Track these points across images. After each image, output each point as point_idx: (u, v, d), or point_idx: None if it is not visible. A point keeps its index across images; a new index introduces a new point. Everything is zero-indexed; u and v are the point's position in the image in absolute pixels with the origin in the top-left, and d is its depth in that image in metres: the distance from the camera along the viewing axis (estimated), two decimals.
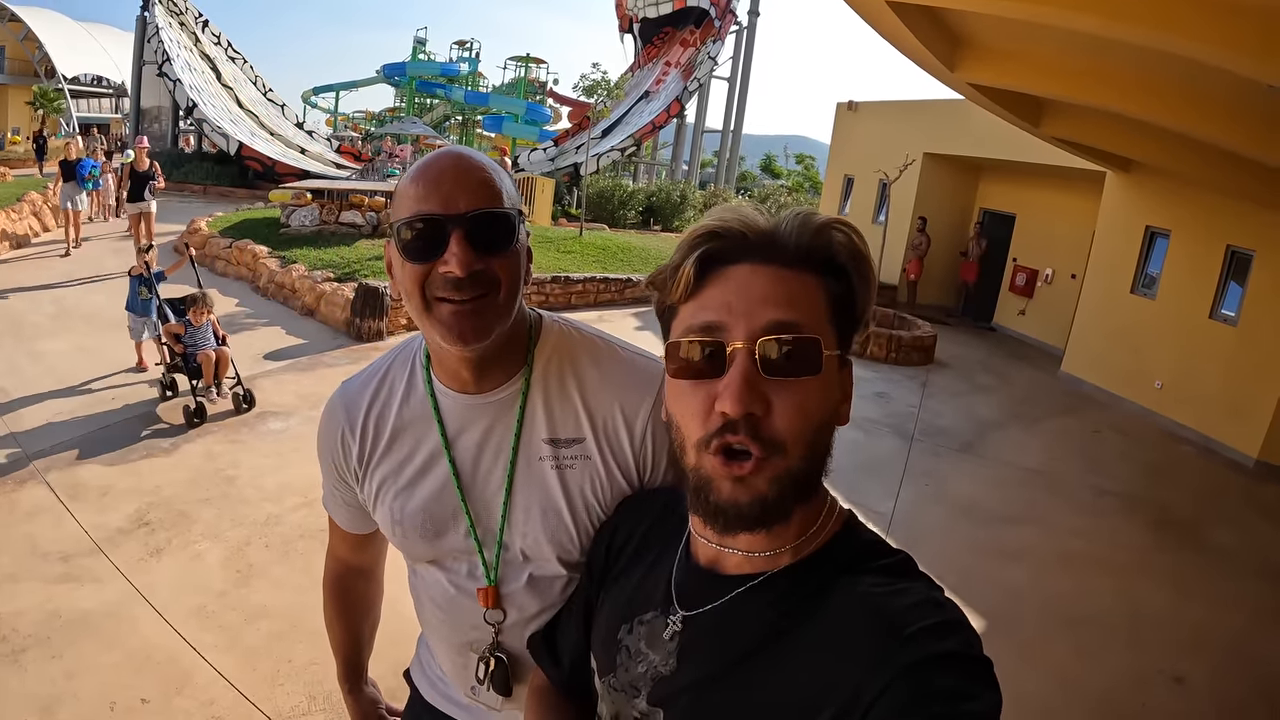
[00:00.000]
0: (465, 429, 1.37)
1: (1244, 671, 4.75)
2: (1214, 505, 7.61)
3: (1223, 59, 4.30)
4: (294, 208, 13.95)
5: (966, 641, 0.80)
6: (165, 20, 25.30)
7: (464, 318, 1.21)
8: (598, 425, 1.35)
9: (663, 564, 1.06)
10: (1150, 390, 10.31)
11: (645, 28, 34.06)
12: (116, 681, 3.57)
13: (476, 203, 1.20)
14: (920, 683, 0.76)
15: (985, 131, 12.89)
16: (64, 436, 6.14)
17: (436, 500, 1.38)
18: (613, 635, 1.08)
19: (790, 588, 0.92)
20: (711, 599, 0.96)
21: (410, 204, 1.20)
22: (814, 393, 0.88)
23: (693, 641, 0.97)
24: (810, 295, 0.90)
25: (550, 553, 1.37)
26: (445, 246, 1.18)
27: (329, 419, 1.48)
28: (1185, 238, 10.20)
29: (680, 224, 24.47)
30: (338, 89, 47.65)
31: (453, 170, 1.22)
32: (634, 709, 1.01)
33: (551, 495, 1.34)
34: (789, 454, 0.88)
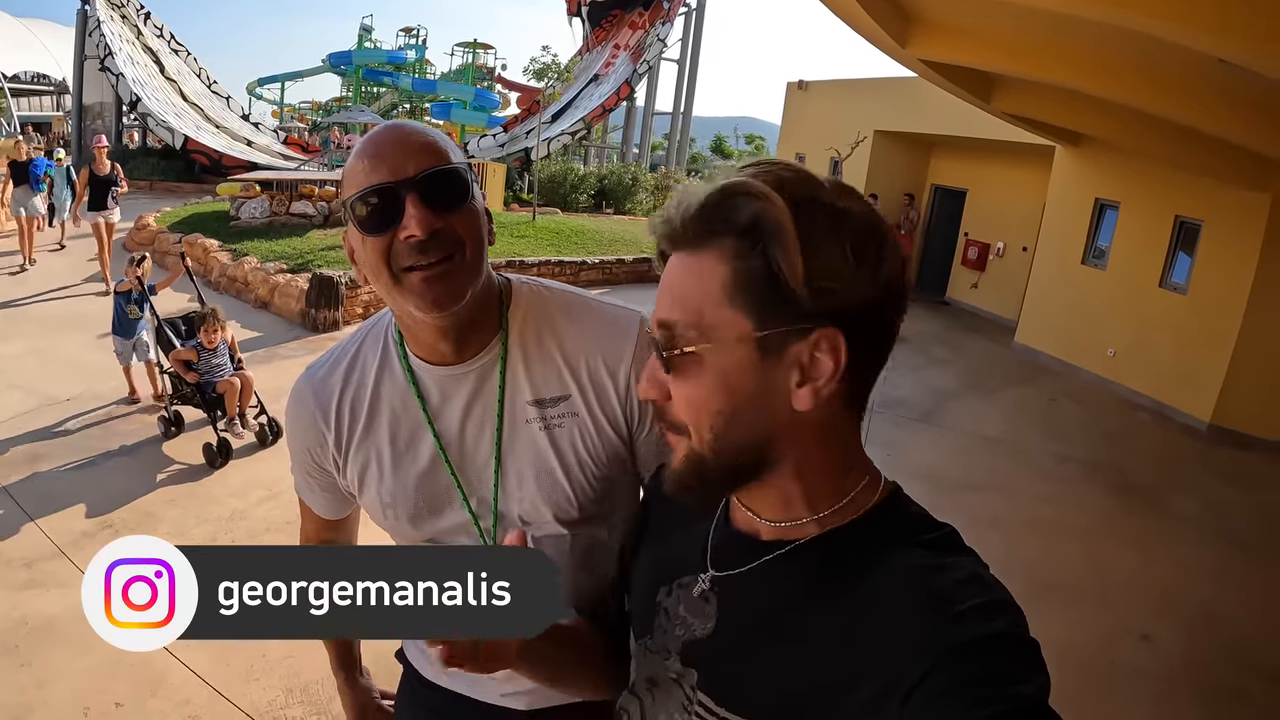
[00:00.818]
0: (447, 401, 1.36)
1: (1208, 628, 4.88)
2: (1172, 469, 7.79)
3: (1177, 34, 4.37)
4: (244, 200, 13.75)
5: (1014, 622, 0.78)
6: (106, 13, 24.73)
7: (434, 282, 1.20)
8: (581, 380, 1.35)
9: (702, 526, 1.05)
10: (1104, 358, 10.50)
11: (594, 11, 33.91)
12: (89, 687, 3.51)
13: (425, 163, 1.19)
14: (967, 664, 0.73)
15: (936, 108, 12.99)
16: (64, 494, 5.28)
17: (427, 479, 1.37)
18: (651, 597, 1.07)
19: (826, 557, 0.89)
20: (744, 563, 0.96)
21: (360, 179, 1.19)
22: (703, 385, 0.85)
23: (725, 604, 0.97)
24: (702, 281, 0.84)
25: (548, 514, 1.37)
26: (402, 212, 1.17)
27: (298, 406, 1.43)
28: (1134, 209, 10.38)
29: (632, 206, 24.42)
30: (283, 80, 46.96)
31: (395, 138, 1.20)
32: (669, 670, 1.01)
33: (543, 456, 1.35)
34: (693, 437, 0.88)
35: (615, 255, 14.19)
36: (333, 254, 11.41)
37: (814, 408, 0.83)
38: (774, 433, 0.86)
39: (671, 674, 1.01)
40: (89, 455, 5.85)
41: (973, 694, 0.71)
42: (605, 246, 14.75)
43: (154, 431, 6.32)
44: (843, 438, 0.91)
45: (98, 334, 8.56)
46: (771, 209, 0.81)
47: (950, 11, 6.58)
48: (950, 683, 0.72)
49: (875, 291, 0.81)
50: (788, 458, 0.88)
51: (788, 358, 0.82)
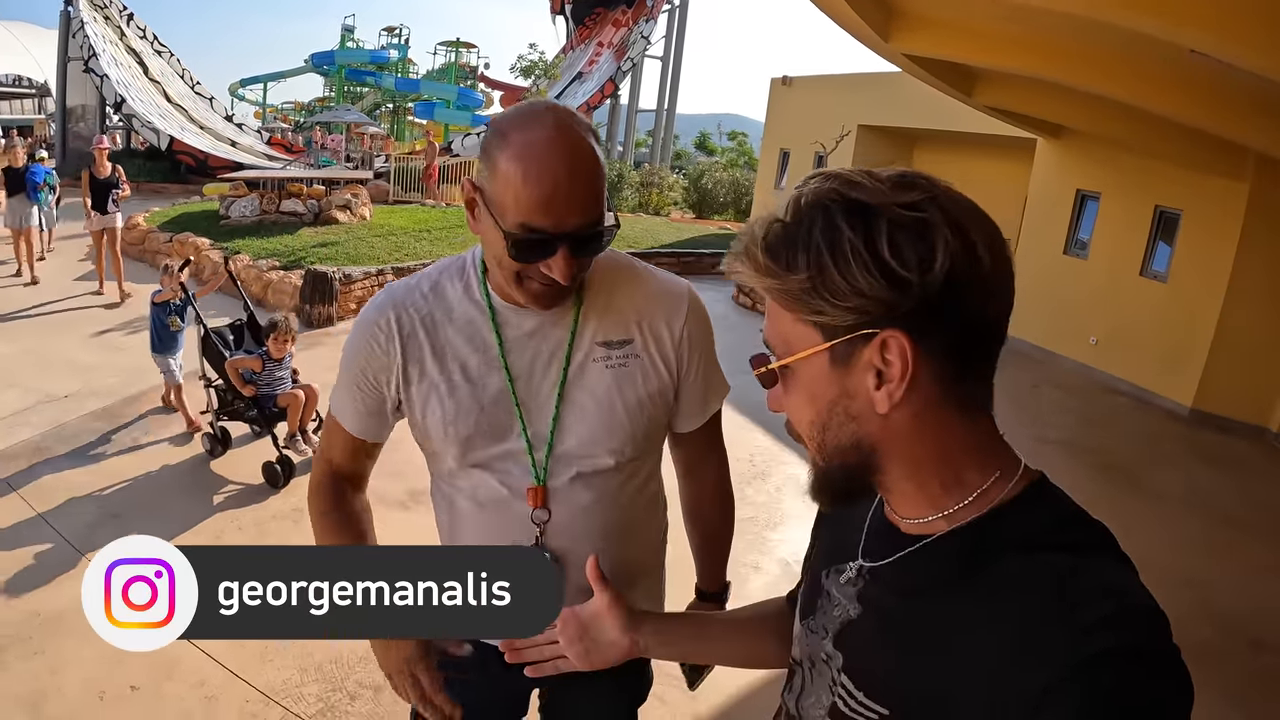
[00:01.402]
0: (520, 336, 1.49)
1: (1192, 597, 5.01)
2: (1153, 451, 7.95)
3: (1148, 25, 4.47)
4: (233, 199, 13.76)
5: (1155, 634, 0.76)
6: (90, 14, 24.59)
7: (549, 298, 1.40)
8: (644, 328, 1.54)
9: (863, 514, 1.07)
10: (1086, 346, 10.66)
11: (577, 8, 33.92)
12: (103, 672, 3.56)
13: (585, 219, 1.32)
14: (1096, 681, 0.71)
15: (919, 102, 13.12)
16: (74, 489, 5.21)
17: (491, 405, 1.49)
18: (817, 579, 1.11)
19: (960, 552, 0.89)
20: (887, 555, 0.97)
21: (523, 210, 1.29)
22: (798, 398, 0.91)
23: (870, 591, 0.99)
24: (775, 306, 0.89)
25: (603, 448, 1.52)
26: (551, 254, 1.31)
27: (374, 316, 1.52)
28: (1115, 200, 10.53)
29: (618, 202, 24.43)
30: (266, 80, 46.74)
31: (568, 181, 1.28)
32: (822, 650, 1.04)
33: (607, 391, 1.51)
34: (808, 447, 0.94)
35: None
36: (324, 250, 11.46)
37: (895, 409, 0.84)
38: (869, 436, 0.88)
39: (823, 654, 1.04)
40: (97, 450, 5.89)
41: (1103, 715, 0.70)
42: None
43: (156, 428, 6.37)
44: (952, 436, 0.89)
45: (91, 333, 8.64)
46: (792, 231, 0.84)
47: (932, 6, 6.69)
48: (1080, 701, 0.71)
49: (931, 287, 0.79)
50: (893, 459, 0.89)
51: (860, 364, 0.84)
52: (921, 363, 0.82)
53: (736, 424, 7.12)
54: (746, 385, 1.13)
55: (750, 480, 6.16)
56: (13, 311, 9.57)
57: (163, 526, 4.84)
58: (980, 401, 0.90)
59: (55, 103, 27.66)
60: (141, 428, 6.34)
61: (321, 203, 13.89)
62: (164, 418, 6.53)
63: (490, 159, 1.32)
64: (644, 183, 25.40)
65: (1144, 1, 4.33)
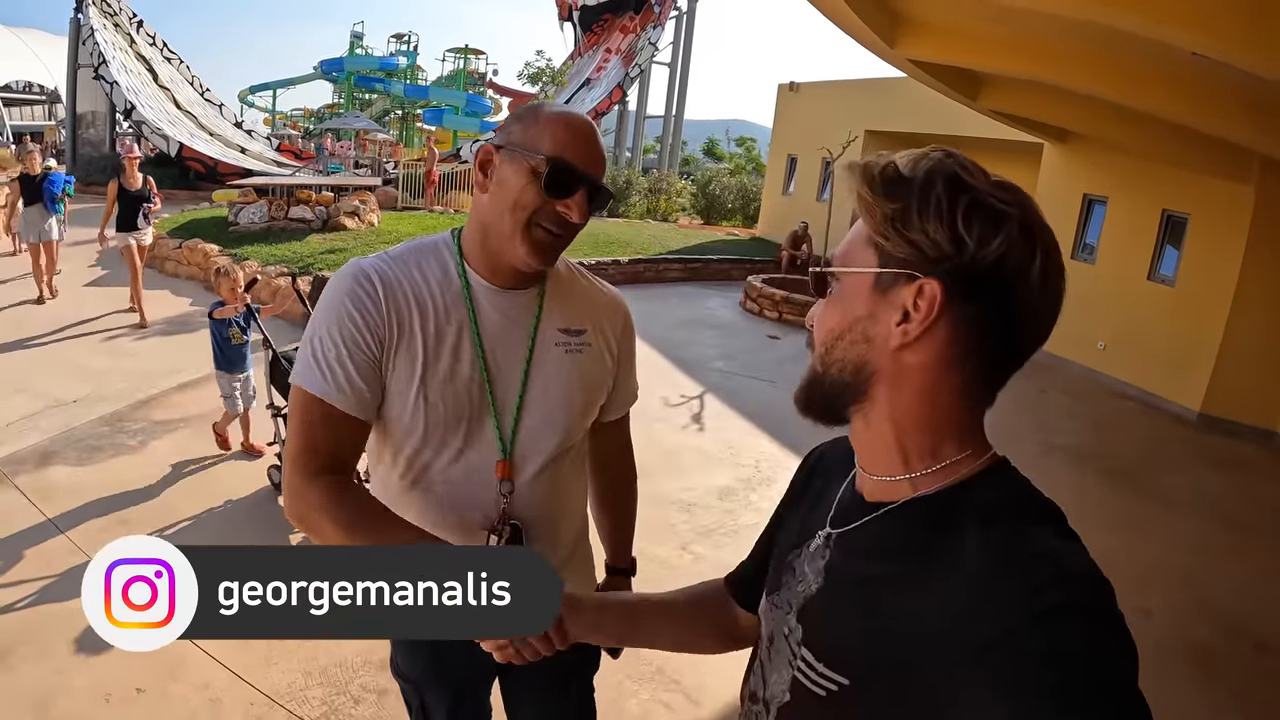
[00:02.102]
0: (491, 315, 1.61)
1: (1197, 601, 5.02)
2: (1161, 455, 7.93)
3: (1149, 29, 4.48)
4: (242, 205, 13.81)
5: (1093, 592, 0.80)
6: (99, 22, 24.71)
7: (551, 248, 1.54)
8: (594, 322, 1.73)
9: (834, 492, 1.14)
10: (1094, 351, 10.65)
11: (585, 15, 33.99)
12: (109, 674, 3.58)
13: (600, 171, 1.54)
14: (1050, 636, 0.75)
15: (925, 107, 13.13)
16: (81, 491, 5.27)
17: (463, 378, 1.57)
18: (784, 557, 1.16)
19: (921, 519, 0.95)
20: (853, 521, 1.03)
21: (557, 146, 1.48)
22: (831, 306, 1.00)
23: (834, 560, 1.04)
24: (858, 229, 0.98)
25: (560, 425, 1.67)
26: (573, 194, 1.49)
27: (357, 281, 1.53)
28: (1122, 204, 10.54)
29: (626, 209, 24.49)
30: (275, 87, 47.00)
31: (596, 142, 1.54)
32: (785, 625, 1.08)
33: (566, 373, 1.67)
34: (814, 352, 1.03)
35: (610, 257, 14.26)
36: (333, 257, 11.51)
37: (906, 350, 0.93)
38: (874, 362, 0.95)
39: (785, 629, 1.08)
40: (106, 455, 5.91)
41: (1056, 669, 0.73)
42: (600, 249, 14.83)
43: (156, 426, 6.39)
44: (946, 406, 0.96)
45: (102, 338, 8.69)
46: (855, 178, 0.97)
47: (937, 11, 6.70)
48: (1030, 653, 0.75)
49: (984, 261, 0.88)
50: (884, 393, 0.96)
51: (895, 298, 0.92)
52: (944, 319, 0.91)
53: (743, 430, 7.16)
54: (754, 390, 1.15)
55: (755, 486, 6.17)
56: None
57: (169, 532, 4.88)
58: (979, 395, 0.97)
59: (65, 109, 27.79)
60: (150, 433, 6.36)
61: (330, 209, 13.95)
62: (173, 421, 6.56)
63: (524, 120, 1.53)
64: (652, 189, 25.41)
65: (1143, 5, 4.34)
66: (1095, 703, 0.72)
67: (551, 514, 1.72)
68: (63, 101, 29.90)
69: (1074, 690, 0.72)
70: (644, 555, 3.84)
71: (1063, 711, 0.72)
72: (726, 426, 7.25)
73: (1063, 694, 0.72)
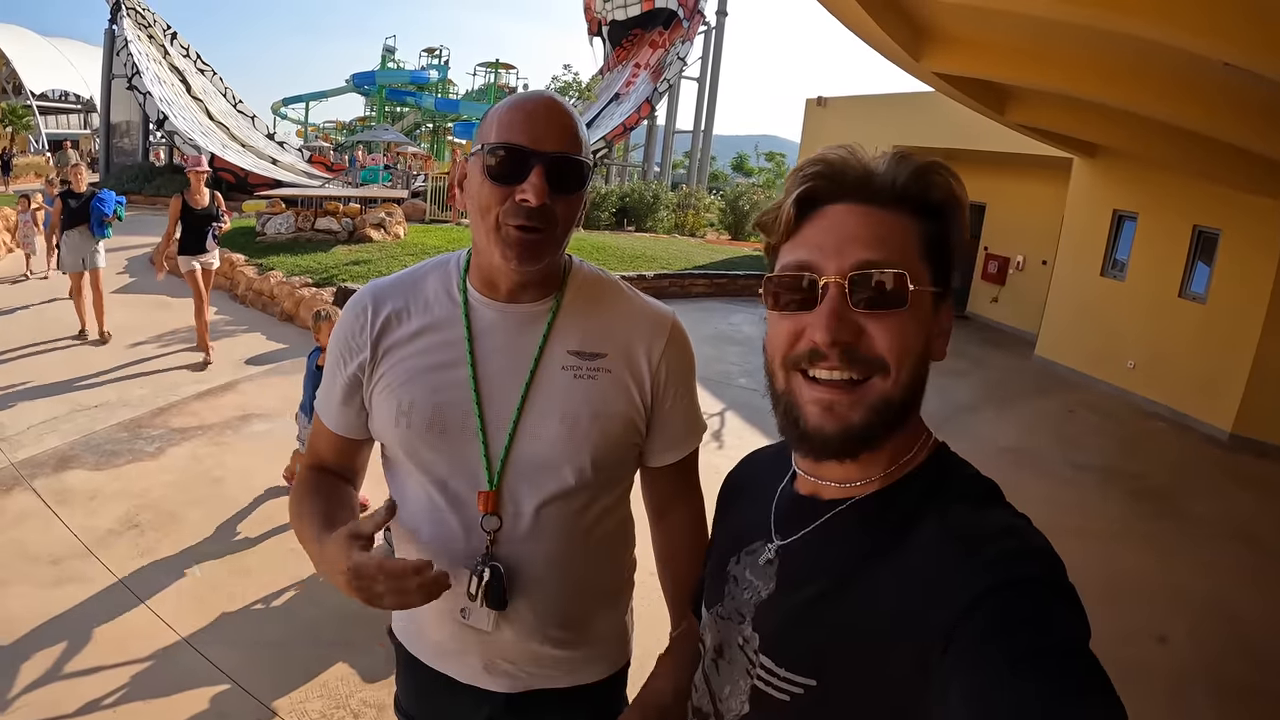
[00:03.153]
0: (491, 333, 1.47)
1: (1223, 628, 4.89)
2: (1191, 476, 7.78)
3: (1180, 40, 4.40)
4: (269, 216, 13.94)
5: (1049, 566, 0.81)
6: (134, 33, 25.16)
7: (524, 244, 1.36)
8: (620, 346, 1.50)
9: (766, 497, 1.11)
10: (1123, 370, 10.49)
11: (614, 30, 34.15)
12: (114, 680, 3.59)
13: (560, 145, 1.35)
14: (998, 608, 0.76)
15: (953, 122, 13.00)
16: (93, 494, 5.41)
17: (450, 394, 1.45)
18: (722, 567, 1.13)
19: (877, 512, 0.95)
20: (805, 525, 1.01)
21: (502, 131, 1.35)
22: (907, 322, 0.92)
23: (787, 566, 1.02)
24: (902, 234, 0.93)
25: (563, 460, 1.46)
26: (525, 177, 1.33)
27: (353, 308, 1.53)
28: (1152, 220, 10.40)
29: (653, 224, 24.51)
30: (308, 99, 47.60)
31: (545, 111, 1.37)
32: (739, 634, 1.05)
33: (572, 401, 1.46)
34: (890, 374, 0.92)
35: (636, 272, 14.22)
36: (357, 269, 11.55)
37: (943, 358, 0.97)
38: (925, 380, 0.96)
39: (739, 639, 1.04)
40: (113, 455, 5.94)
41: (1003, 637, 0.74)
42: (626, 263, 14.82)
43: (175, 433, 6.41)
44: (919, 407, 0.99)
45: (126, 344, 8.74)
46: (961, 191, 0.96)
47: (962, 24, 6.63)
48: (983, 627, 0.75)
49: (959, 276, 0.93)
50: (918, 406, 0.97)
51: (938, 313, 0.96)
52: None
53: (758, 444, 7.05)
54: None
55: None
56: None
57: (178, 539, 4.88)
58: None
59: (100, 118, 28.25)
60: (168, 439, 6.38)
61: (356, 221, 14.02)
62: (191, 429, 6.58)
63: (482, 123, 1.42)
64: (680, 204, 25.42)
65: (1174, 16, 4.26)
66: (1046, 665, 0.72)
67: (559, 566, 1.50)
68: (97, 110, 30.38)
69: (1025, 654, 0.72)
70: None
71: (1015, 675, 0.72)
72: (748, 444, 7.03)
73: (1014, 658, 0.72)
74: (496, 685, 1.55)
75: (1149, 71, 6.22)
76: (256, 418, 6.93)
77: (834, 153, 0.97)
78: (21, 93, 38.35)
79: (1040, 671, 0.71)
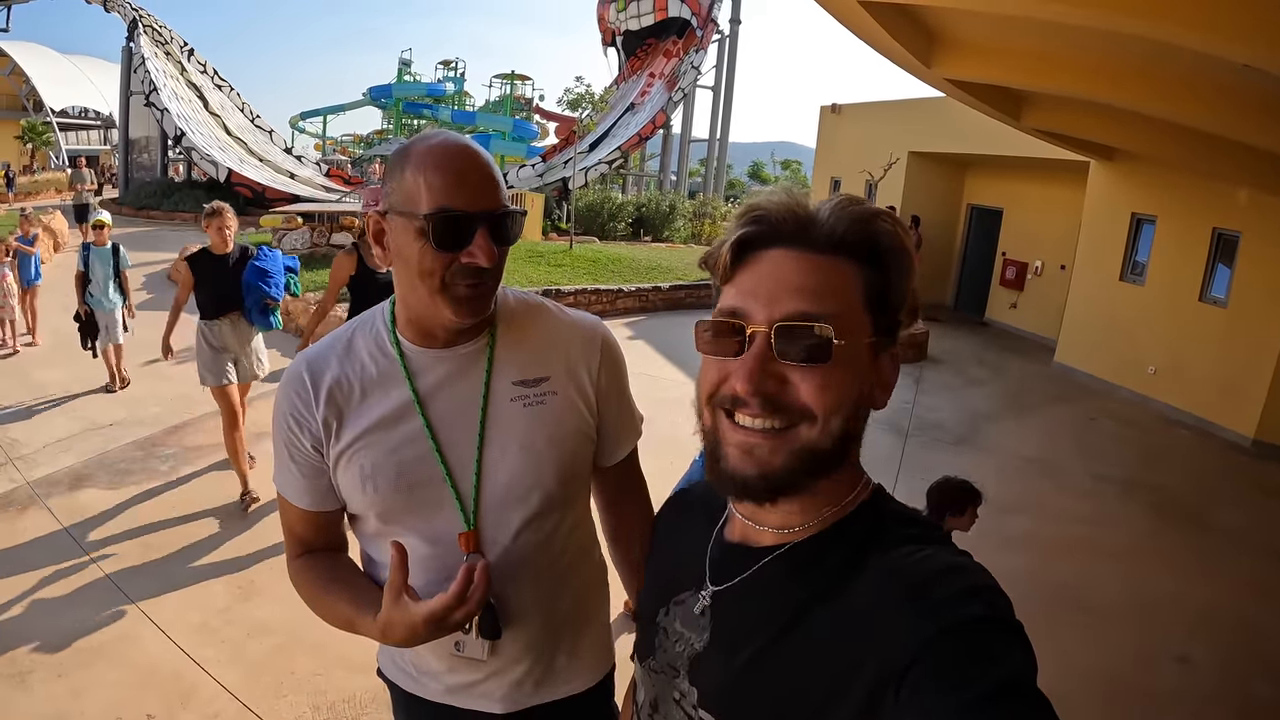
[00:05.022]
0: (434, 380, 1.48)
1: (1247, 645, 4.78)
2: (1214, 486, 7.65)
3: (1197, 41, 4.34)
4: (285, 231, 14.03)
5: (993, 604, 0.80)
6: (151, 50, 25.44)
7: (474, 299, 1.39)
8: (559, 366, 1.54)
9: (700, 543, 1.09)
10: (1144, 376, 10.37)
11: (628, 40, 34.17)
12: (122, 698, 3.59)
13: (495, 202, 1.37)
14: (947, 650, 0.75)
15: (968, 127, 12.94)
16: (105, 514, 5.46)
17: (410, 450, 1.44)
18: (651, 618, 1.11)
19: (813, 558, 0.93)
20: (739, 572, 0.99)
21: (435, 196, 1.32)
22: (834, 376, 0.89)
23: (722, 616, 1.00)
24: (841, 282, 0.91)
25: (529, 487, 1.49)
26: (471, 239, 1.34)
27: (292, 384, 1.50)
28: (1171, 223, 10.28)
29: (670, 234, 24.51)
30: (325, 113, 47.93)
31: (474, 168, 1.36)
32: (675, 689, 1.03)
33: (526, 430, 1.49)
34: (816, 423, 0.90)
35: (651, 283, 14.15)
36: None
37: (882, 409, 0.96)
38: (859, 430, 0.96)
39: (675, 694, 1.02)
40: (125, 474, 5.95)
41: (954, 679, 0.73)
42: (642, 274, 14.77)
43: (189, 453, 6.39)
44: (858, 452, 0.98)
45: (140, 362, 8.76)
46: (906, 240, 0.93)
47: (972, 29, 6.57)
48: (933, 670, 0.75)
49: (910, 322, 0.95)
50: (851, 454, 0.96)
51: (879, 363, 0.94)
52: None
53: None
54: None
55: None
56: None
57: (192, 560, 4.87)
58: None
59: (118, 134, 28.54)
60: (182, 458, 6.39)
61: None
62: (205, 447, 6.58)
63: (394, 176, 1.38)
64: (697, 213, 25.41)
65: (1190, 18, 4.20)
66: (993, 712, 0.72)
67: (538, 586, 1.56)
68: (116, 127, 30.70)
69: (973, 700, 0.72)
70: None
71: (962, 713, 0.72)
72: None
73: (962, 705, 0.72)
74: (494, 707, 1.58)
75: (1164, 74, 6.14)
76: (269, 437, 6.87)
77: (774, 198, 0.95)
78: (42, 109, 38.79)
79: (989, 709, 0.72)
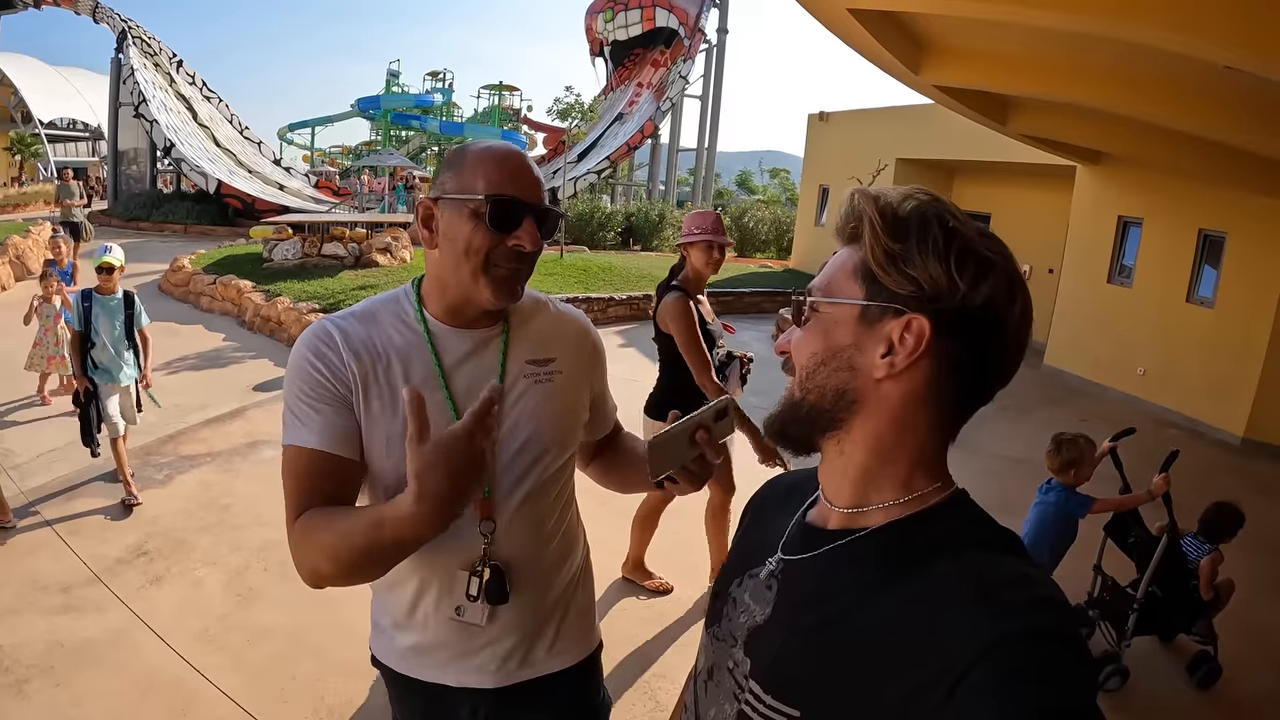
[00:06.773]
0: (456, 355, 1.61)
1: (1248, 638, 4.82)
2: (1205, 484, 7.67)
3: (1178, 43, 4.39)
4: (276, 242, 14.01)
5: (1061, 620, 0.82)
6: (140, 61, 25.42)
7: (514, 282, 1.56)
8: (564, 350, 1.73)
9: (784, 523, 1.13)
10: (1133, 377, 10.45)
11: (616, 50, 34.31)
12: (122, 707, 3.57)
13: (542, 199, 1.57)
14: (1010, 659, 0.76)
15: (955, 133, 13.03)
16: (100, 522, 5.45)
17: (432, 419, 1.41)
18: (725, 588, 1.15)
19: (885, 547, 0.96)
20: (808, 550, 1.04)
21: (492, 184, 1.50)
22: (812, 333, 1.01)
23: (785, 587, 1.04)
24: (842, 262, 1.02)
25: (537, 458, 1.65)
26: (520, 225, 1.52)
27: (318, 336, 1.56)
28: (1158, 225, 10.36)
29: (659, 242, 24.54)
30: (313, 125, 47.81)
31: (527, 168, 1.56)
32: (730, 658, 1.07)
33: (538, 404, 1.65)
34: (794, 378, 1.03)
35: (643, 291, 14.21)
36: (363, 293, 11.57)
37: (889, 380, 0.96)
38: (856, 389, 0.98)
39: (730, 663, 1.06)
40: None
41: (1015, 689, 0.75)
42: (632, 283, 14.83)
43: (183, 461, 6.38)
44: (919, 439, 0.99)
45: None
46: (866, 211, 0.99)
47: (960, 35, 6.62)
48: (994, 677, 0.76)
49: (971, 303, 0.93)
50: (864, 421, 0.99)
51: (881, 330, 0.96)
52: (927, 355, 0.94)
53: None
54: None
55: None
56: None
57: (187, 566, 4.88)
58: (947, 429, 1.01)
59: (108, 146, 28.47)
60: (176, 466, 6.39)
61: (362, 246, 14.08)
62: (199, 456, 6.58)
63: (450, 169, 1.56)
64: None
65: (1173, 21, 4.25)
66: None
67: (538, 555, 1.70)
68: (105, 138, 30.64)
69: (1034, 712, 0.73)
70: (676, 599, 3.77)
71: None
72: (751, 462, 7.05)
73: (1016, 713, 0.73)
74: (486, 682, 1.69)
75: (1148, 76, 6.21)
76: (265, 444, 6.93)
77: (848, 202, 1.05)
78: (30, 121, 38.66)
79: None
